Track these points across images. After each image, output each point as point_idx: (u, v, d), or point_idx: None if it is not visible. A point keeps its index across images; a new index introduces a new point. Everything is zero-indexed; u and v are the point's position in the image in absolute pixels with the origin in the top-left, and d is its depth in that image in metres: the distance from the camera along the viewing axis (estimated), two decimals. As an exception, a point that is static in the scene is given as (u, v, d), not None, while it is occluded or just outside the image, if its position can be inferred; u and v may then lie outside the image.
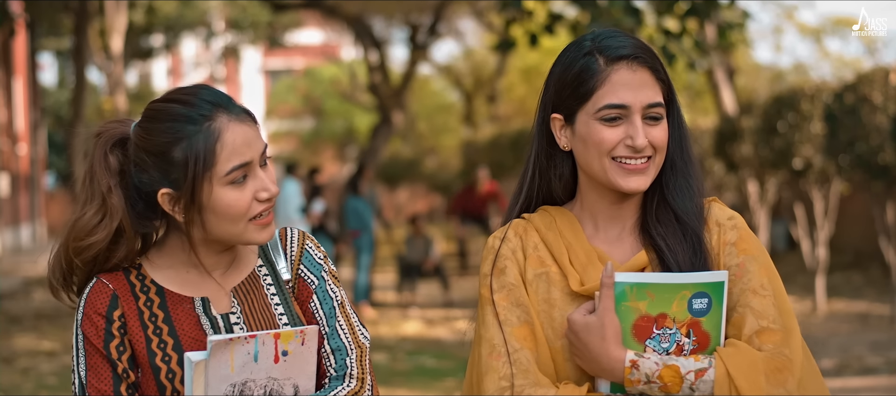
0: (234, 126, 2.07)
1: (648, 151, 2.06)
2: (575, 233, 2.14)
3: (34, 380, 8.64)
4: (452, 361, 9.46)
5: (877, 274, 13.83)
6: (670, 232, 2.08)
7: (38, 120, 26.52)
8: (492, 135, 22.54)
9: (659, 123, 2.07)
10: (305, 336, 2.07)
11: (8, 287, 15.14)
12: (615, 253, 2.12)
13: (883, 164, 10.02)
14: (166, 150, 2.05)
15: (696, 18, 9.89)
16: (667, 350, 1.99)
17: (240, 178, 2.06)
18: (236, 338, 1.99)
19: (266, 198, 2.08)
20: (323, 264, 2.23)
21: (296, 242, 2.23)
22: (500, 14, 12.67)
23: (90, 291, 2.08)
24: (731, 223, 2.11)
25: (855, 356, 8.96)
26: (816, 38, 22.22)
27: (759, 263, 2.06)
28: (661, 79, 2.08)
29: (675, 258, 2.06)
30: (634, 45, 2.09)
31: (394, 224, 23.90)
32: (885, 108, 10.06)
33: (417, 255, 13.88)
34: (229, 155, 2.05)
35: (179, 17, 26.87)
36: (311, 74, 34.83)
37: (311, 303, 2.19)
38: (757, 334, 2.00)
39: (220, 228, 2.07)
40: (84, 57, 16.70)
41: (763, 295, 2.03)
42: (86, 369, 2.05)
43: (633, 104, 2.05)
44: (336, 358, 2.15)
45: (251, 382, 2.03)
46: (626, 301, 1.98)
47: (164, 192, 2.06)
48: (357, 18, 20.16)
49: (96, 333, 2.06)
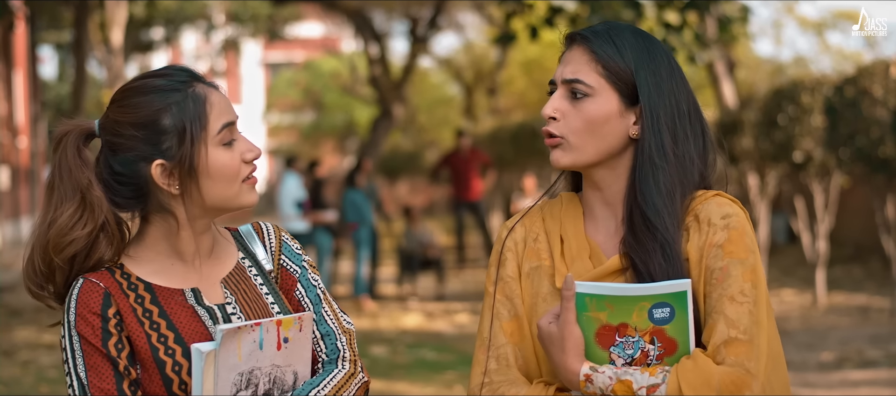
0: (213, 92, 2.11)
1: (551, 125, 2.09)
2: (575, 224, 2.14)
3: (34, 373, 8.65)
4: (452, 354, 9.47)
5: (877, 267, 13.83)
6: (640, 235, 2.05)
7: (38, 113, 26.50)
8: (492, 128, 22.52)
9: (581, 100, 2.08)
10: (302, 323, 2.09)
11: (8, 280, 15.15)
12: (609, 248, 2.11)
13: (883, 157, 10.02)
14: (156, 118, 2.06)
15: (696, 11, 9.87)
16: (632, 356, 1.98)
17: (229, 139, 2.09)
18: (244, 327, 1.99)
19: (252, 158, 2.11)
20: (301, 254, 2.28)
21: (273, 234, 2.27)
22: (501, 7, 12.66)
23: (80, 292, 2.05)
24: (724, 222, 2.04)
25: (855, 349, 8.96)
26: (817, 32, 22.20)
27: (745, 267, 2.01)
28: (600, 59, 2.08)
29: (646, 264, 2.03)
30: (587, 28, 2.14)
31: (394, 217, 23.89)
32: (886, 102, 10.06)
33: (415, 247, 13.89)
34: (218, 114, 2.08)
35: (180, 11, 26.85)
36: (312, 67, 34.79)
37: (296, 292, 2.22)
38: (725, 344, 1.96)
39: (216, 193, 2.08)
40: (84, 50, 16.68)
41: (740, 303, 1.98)
42: (85, 369, 2.03)
43: (557, 79, 2.12)
44: (326, 343, 2.18)
45: (257, 370, 2.03)
46: (586, 311, 1.98)
47: (157, 164, 2.06)
48: (357, 11, 20.15)
49: (93, 332, 2.03)
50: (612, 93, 2.08)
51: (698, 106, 2.15)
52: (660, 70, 2.09)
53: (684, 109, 2.11)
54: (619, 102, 2.08)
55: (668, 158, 2.07)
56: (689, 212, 2.07)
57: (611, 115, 2.08)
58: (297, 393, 2.08)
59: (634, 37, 2.11)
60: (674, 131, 2.08)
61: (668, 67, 2.11)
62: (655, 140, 2.07)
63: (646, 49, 2.10)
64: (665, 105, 2.08)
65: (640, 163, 2.07)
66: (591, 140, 2.07)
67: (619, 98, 2.08)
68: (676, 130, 2.09)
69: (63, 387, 8.06)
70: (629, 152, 2.10)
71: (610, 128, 2.08)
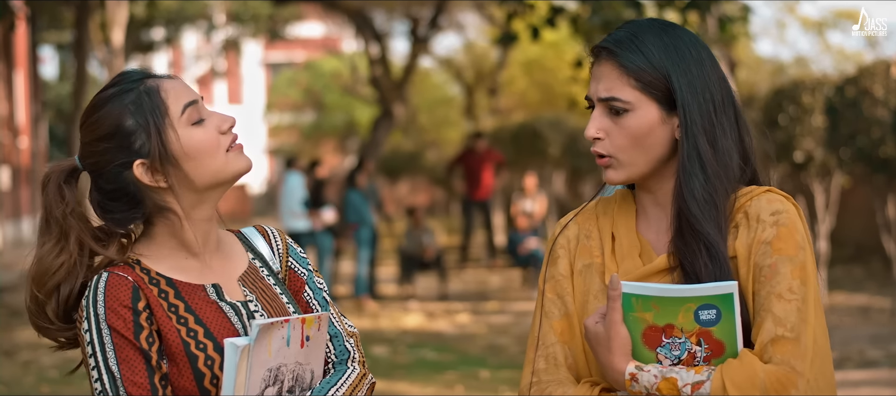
0: (165, 81, 2.14)
1: (598, 145, 2.08)
2: (627, 222, 2.15)
3: (35, 374, 8.65)
4: (453, 354, 9.47)
5: (878, 267, 13.83)
6: (686, 236, 2.04)
7: (39, 113, 26.50)
8: (493, 128, 22.52)
9: (621, 116, 2.06)
10: (321, 322, 2.11)
11: (9, 280, 15.15)
12: (660, 245, 2.11)
13: (884, 158, 10.01)
14: (119, 123, 2.09)
15: (696, 11, 9.88)
16: (679, 357, 1.98)
17: (196, 118, 2.10)
18: (275, 323, 2.00)
19: (227, 127, 2.12)
20: (306, 258, 2.31)
21: (278, 237, 2.30)
22: (502, 7, 12.66)
23: (107, 285, 2.05)
24: (773, 219, 2.03)
25: (856, 349, 8.96)
26: (818, 31, 22.18)
27: (794, 264, 2.00)
28: (631, 73, 2.06)
29: (692, 264, 2.03)
30: (609, 37, 2.11)
31: (395, 217, 23.89)
32: (887, 101, 10.06)
33: (417, 247, 13.89)
34: (176, 98, 2.10)
35: (180, 11, 26.86)
36: (312, 67, 34.78)
37: (304, 293, 2.25)
38: (772, 342, 1.96)
39: (203, 170, 2.10)
40: (85, 50, 16.69)
41: (788, 300, 1.98)
42: (117, 363, 2.01)
43: (592, 96, 2.10)
44: (335, 344, 2.20)
45: (284, 367, 2.04)
46: (632, 311, 1.99)
47: (138, 164, 2.09)
48: (358, 11, 20.15)
49: (125, 325, 2.02)
50: (650, 104, 2.06)
51: (729, 87, 2.12)
52: (689, 67, 2.07)
53: (719, 99, 2.08)
54: (658, 110, 2.06)
55: (706, 161, 2.05)
56: (739, 210, 2.06)
57: (653, 125, 2.06)
58: (317, 392, 2.10)
59: (658, 37, 2.08)
60: (711, 132, 2.07)
61: (697, 58, 2.08)
62: (690, 145, 2.05)
63: (673, 47, 2.07)
64: (700, 103, 2.06)
65: (681, 167, 2.06)
66: (640, 153, 2.07)
67: (657, 106, 2.06)
68: (714, 128, 2.07)
69: (64, 387, 8.05)
70: (677, 154, 2.09)
71: (655, 137, 2.07)
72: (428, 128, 29.34)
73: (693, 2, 9.63)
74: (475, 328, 11.03)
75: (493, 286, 15.16)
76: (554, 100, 23.25)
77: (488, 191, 17.01)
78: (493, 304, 12.96)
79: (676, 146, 2.08)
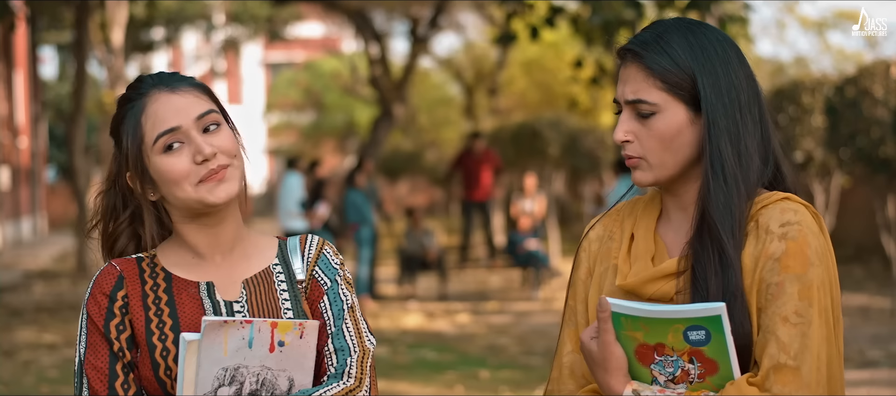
0: (163, 97, 2.14)
1: (628, 148, 2.07)
2: (647, 223, 2.13)
3: (35, 374, 8.65)
4: (453, 354, 9.47)
5: (877, 267, 13.83)
6: (705, 240, 2.02)
7: (38, 113, 26.50)
8: (492, 128, 22.51)
9: (649, 119, 2.05)
10: (304, 330, 2.07)
11: (9, 280, 15.14)
12: (677, 248, 2.09)
13: (884, 158, 10.01)
14: (118, 131, 2.19)
15: (697, 11, 9.88)
16: (672, 373, 1.97)
17: (172, 144, 2.12)
18: (231, 322, 2.01)
19: (200, 159, 2.11)
20: (339, 269, 2.26)
21: (314, 246, 2.27)
22: (501, 7, 12.66)
23: (99, 274, 2.17)
24: (782, 231, 1.99)
25: (855, 349, 8.96)
26: (818, 31, 22.19)
27: (802, 284, 1.96)
28: (657, 74, 2.04)
29: (703, 269, 2.01)
30: (635, 38, 2.09)
31: (394, 217, 23.88)
32: (887, 102, 10.05)
33: (416, 247, 13.89)
34: (153, 124, 2.13)
35: (180, 11, 26.86)
36: (312, 67, 34.78)
37: (321, 303, 2.22)
38: (774, 369, 1.93)
39: (173, 195, 2.14)
40: (85, 50, 16.67)
41: (794, 324, 1.94)
42: (85, 346, 2.12)
43: (620, 98, 2.09)
44: (338, 358, 2.16)
45: (243, 368, 2.04)
46: (623, 330, 1.98)
47: (128, 174, 2.18)
48: (358, 11, 20.14)
49: (98, 312, 2.13)
50: (678, 105, 2.04)
51: (756, 85, 2.09)
52: (715, 67, 2.04)
53: (744, 99, 2.06)
54: (686, 112, 2.04)
55: (727, 165, 2.02)
56: (752, 218, 2.03)
57: (682, 127, 2.04)
58: None
59: (684, 37, 2.06)
60: (735, 133, 2.04)
61: (723, 58, 2.05)
62: (713, 148, 2.03)
63: (699, 47, 2.05)
64: (724, 104, 2.04)
65: (705, 170, 2.04)
66: (669, 155, 2.04)
67: (685, 108, 2.04)
68: (738, 129, 2.04)
69: (64, 387, 8.06)
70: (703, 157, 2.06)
71: (683, 139, 2.04)
72: (428, 129, 29.34)
73: (693, 2, 9.63)
74: (475, 328, 11.03)
75: (493, 286, 15.17)
76: (554, 101, 23.26)
77: (487, 191, 17.02)
78: (493, 304, 12.96)
79: (703, 147, 2.05)
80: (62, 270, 17.38)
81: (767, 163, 2.08)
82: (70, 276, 16.11)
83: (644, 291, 2.05)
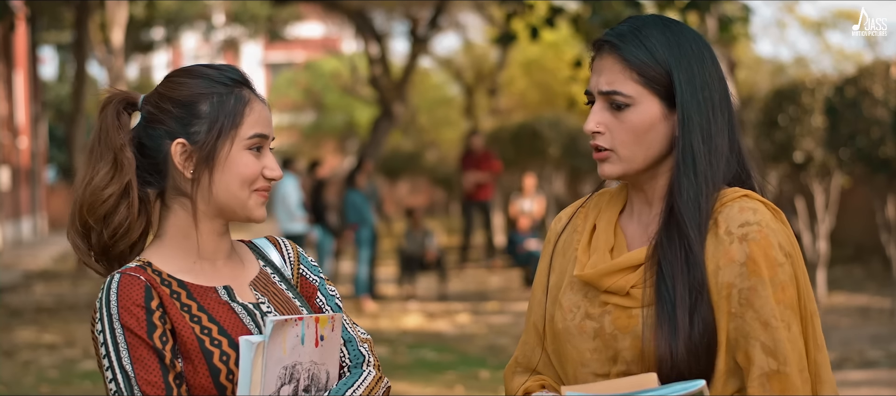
0: (258, 101, 2.16)
1: (598, 139, 2.05)
2: (610, 215, 2.13)
3: (35, 374, 8.65)
4: (453, 354, 9.47)
5: (877, 267, 13.83)
6: (672, 235, 2.00)
7: (38, 113, 26.51)
8: (492, 128, 22.51)
9: (622, 111, 2.03)
10: (334, 323, 2.10)
11: (9, 280, 15.15)
12: (637, 241, 2.08)
13: (884, 158, 10.02)
14: (195, 101, 2.12)
15: (697, 11, 9.88)
16: None
17: (260, 148, 2.13)
18: (289, 319, 2.00)
19: (271, 176, 2.14)
20: (318, 267, 2.32)
21: (290, 247, 2.32)
22: (501, 7, 12.66)
23: (120, 285, 2.05)
24: (742, 232, 1.98)
25: (855, 349, 8.96)
26: (818, 31, 22.18)
27: (774, 285, 1.95)
28: (634, 67, 2.03)
29: (671, 265, 1.99)
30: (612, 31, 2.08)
31: (394, 217, 23.89)
32: (886, 102, 10.06)
33: (416, 248, 13.89)
34: (254, 121, 2.12)
35: (180, 11, 26.87)
36: (312, 67, 34.79)
37: (317, 299, 2.26)
38: (768, 378, 1.92)
39: (225, 191, 2.11)
40: (85, 50, 16.68)
41: (775, 327, 1.92)
42: (131, 362, 2.01)
43: (592, 90, 2.08)
44: (349, 349, 2.20)
45: (299, 365, 2.04)
46: None
47: (179, 142, 2.11)
48: (358, 11, 20.15)
49: (138, 324, 2.02)
50: (652, 99, 2.03)
51: (727, 88, 2.09)
52: (691, 64, 2.04)
53: (717, 99, 2.05)
54: (660, 106, 2.03)
55: (698, 161, 2.02)
56: (712, 215, 2.02)
57: (655, 121, 2.03)
58: (334, 392, 2.10)
59: (661, 32, 2.05)
60: (707, 130, 2.03)
61: (699, 56, 2.05)
62: (686, 143, 2.02)
63: (676, 43, 2.04)
64: (698, 101, 2.03)
65: (676, 165, 2.03)
66: (640, 149, 2.03)
67: (659, 102, 2.03)
68: (710, 126, 2.04)
69: (64, 387, 8.06)
70: (672, 152, 2.05)
71: (655, 133, 2.03)
72: (428, 129, 29.34)
73: (693, 2, 9.63)
74: (475, 328, 11.03)
75: (493, 286, 15.17)
76: (553, 101, 23.24)
77: (487, 191, 17.04)
78: (493, 304, 12.96)
79: (674, 143, 2.04)
80: (62, 270, 17.39)
81: (732, 163, 2.07)
82: (70, 277, 16.12)
83: (601, 283, 2.03)
